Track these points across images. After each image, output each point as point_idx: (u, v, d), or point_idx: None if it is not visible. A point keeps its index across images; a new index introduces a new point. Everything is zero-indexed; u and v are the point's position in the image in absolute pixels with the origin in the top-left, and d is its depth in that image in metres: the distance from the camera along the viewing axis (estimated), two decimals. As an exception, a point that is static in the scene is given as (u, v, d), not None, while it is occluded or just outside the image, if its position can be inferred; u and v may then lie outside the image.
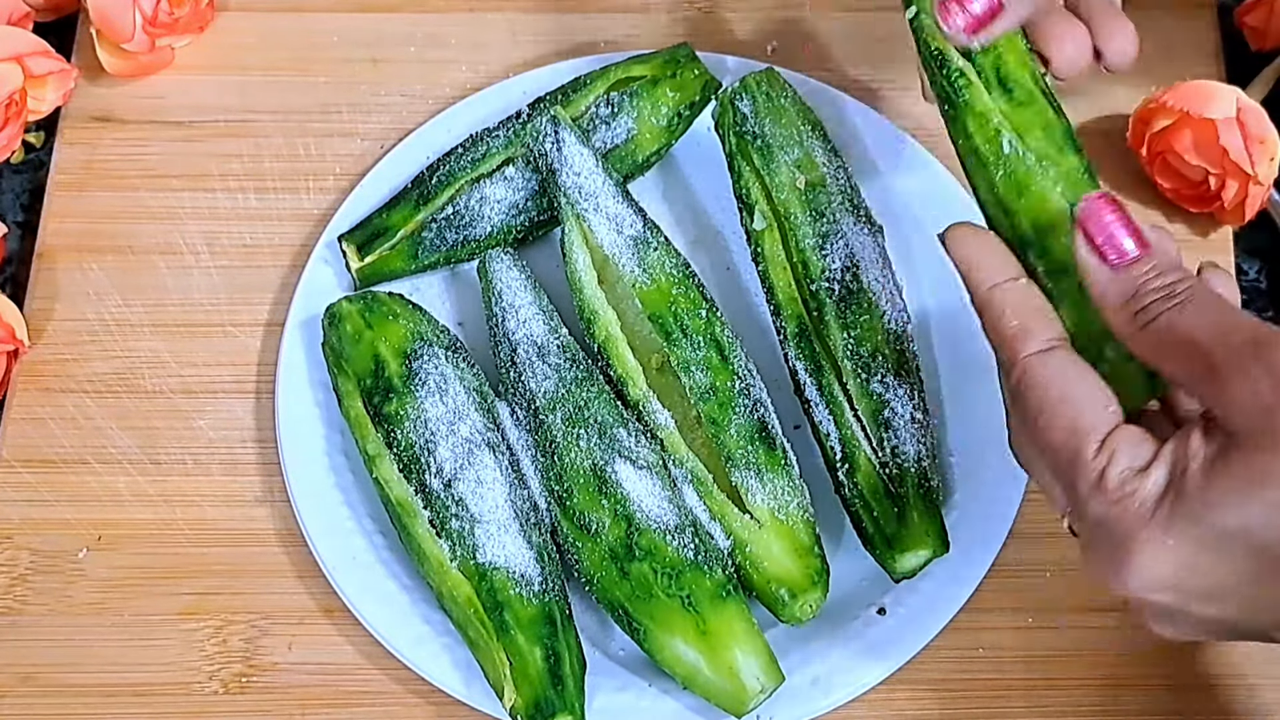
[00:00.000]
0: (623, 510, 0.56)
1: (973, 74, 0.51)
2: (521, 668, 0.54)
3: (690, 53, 0.67)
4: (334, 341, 0.61)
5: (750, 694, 0.54)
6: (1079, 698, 0.59)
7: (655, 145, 0.66)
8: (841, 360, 0.59)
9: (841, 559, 0.60)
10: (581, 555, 0.57)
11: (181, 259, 0.67)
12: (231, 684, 0.59)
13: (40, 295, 0.67)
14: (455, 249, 0.64)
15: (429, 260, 0.64)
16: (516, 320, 0.61)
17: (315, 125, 0.70)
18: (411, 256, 0.64)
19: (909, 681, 0.58)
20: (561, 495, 0.57)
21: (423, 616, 0.58)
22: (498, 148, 0.65)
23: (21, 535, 0.62)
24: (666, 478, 0.58)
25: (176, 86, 0.71)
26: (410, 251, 0.64)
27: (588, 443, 0.57)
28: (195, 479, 0.63)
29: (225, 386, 0.65)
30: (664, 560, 0.55)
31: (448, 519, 0.56)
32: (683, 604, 0.55)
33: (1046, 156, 0.49)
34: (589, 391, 0.59)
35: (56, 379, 0.65)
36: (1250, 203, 0.65)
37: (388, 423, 0.58)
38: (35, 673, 0.59)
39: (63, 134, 0.70)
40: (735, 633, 0.55)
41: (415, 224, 0.64)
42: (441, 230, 0.64)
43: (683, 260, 0.62)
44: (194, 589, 0.61)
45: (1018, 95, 0.50)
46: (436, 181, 0.64)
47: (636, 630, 0.56)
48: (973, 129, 0.50)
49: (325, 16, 0.73)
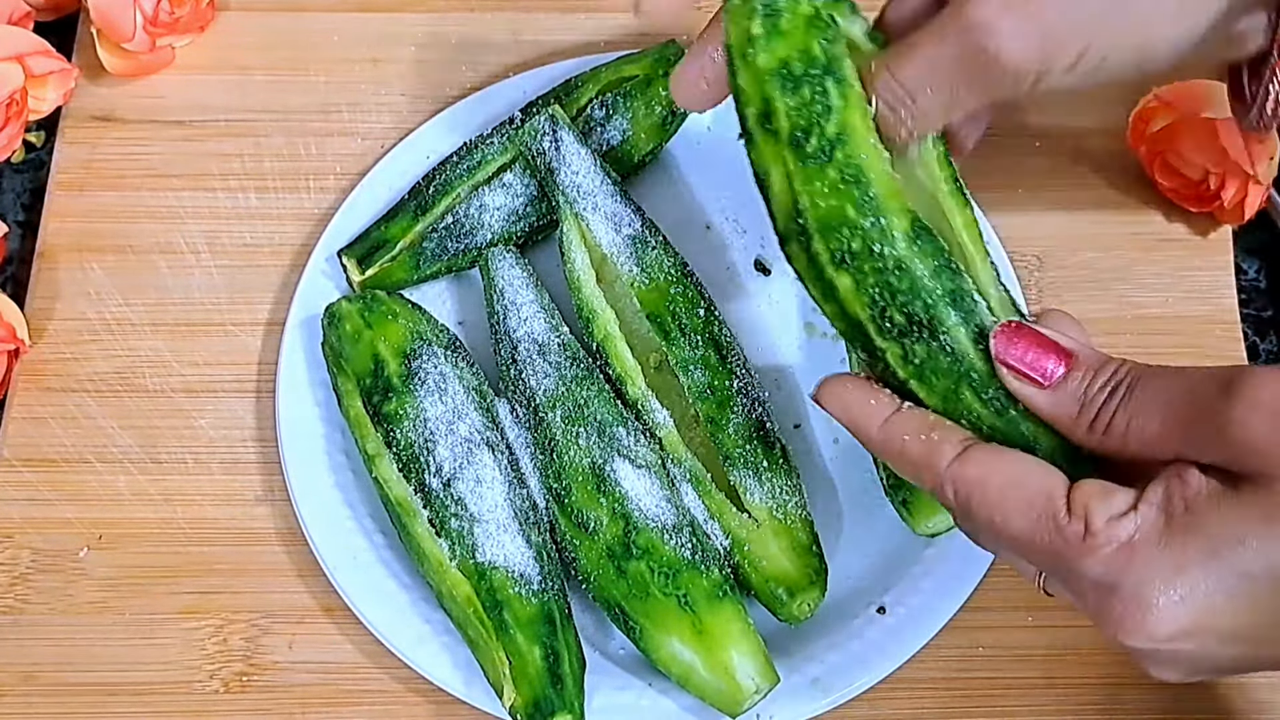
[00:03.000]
0: (620, 509, 0.56)
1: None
2: (521, 667, 0.54)
3: (680, 50, 0.67)
4: (334, 341, 0.61)
5: (745, 694, 0.54)
6: (1079, 698, 0.59)
7: (650, 144, 0.66)
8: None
9: (840, 558, 0.60)
10: (579, 553, 0.57)
11: (182, 259, 0.67)
12: (232, 683, 0.59)
13: (41, 295, 0.67)
14: (457, 257, 0.64)
15: (431, 270, 0.64)
16: (518, 318, 0.61)
17: (315, 125, 0.70)
18: (414, 267, 0.64)
19: (909, 681, 0.58)
20: (560, 493, 0.57)
21: (423, 616, 0.58)
22: (493, 154, 0.65)
23: (22, 534, 0.62)
24: (665, 477, 0.58)
25: (177, 86, 0.71)
26: (412, 262, 0.64)
27: (586, 441, 0.57)
28: (196, 478, 0.63)
29: (226, 386, 0.65)
30: (661, 559, 0.55)
31: (447, 518, 0.56)
32: (679, 603, 0.55)
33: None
34: (589, 390, 0.59)
35: (57, 378, 0.65)
36: (1250, 202, 0.65)
37: (387, 422, 0.58)
38: (36, 672, 0.59)
39: (63, 134, 0.70)
40: (731, 633, 0.55)
41: (414, 235, 0.64)
42: (443, 240, 0.64)
43: (680, 259, 0.62)
44: (194, 588, 0.61)
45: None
46: (434, 191, 0.64)
47: (633, 629, 0.56)
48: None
49: (325, 16, 0.73)
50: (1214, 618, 0.40)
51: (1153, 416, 0.42)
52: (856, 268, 0.47)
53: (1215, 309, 0.66)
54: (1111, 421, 0.43)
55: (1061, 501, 0.42)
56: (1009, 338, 0.45)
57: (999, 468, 0.44)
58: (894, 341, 0.47)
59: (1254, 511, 0.39)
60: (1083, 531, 0.41)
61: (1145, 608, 0.40)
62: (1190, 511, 0.40)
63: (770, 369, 0.64)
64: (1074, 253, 0.67)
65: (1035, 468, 0.43)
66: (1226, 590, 0.40)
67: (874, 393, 0.47)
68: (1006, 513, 0.43)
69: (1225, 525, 0.40)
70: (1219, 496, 0.40)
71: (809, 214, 0.47)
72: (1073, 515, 0.41)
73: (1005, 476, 0.43)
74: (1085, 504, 0.41)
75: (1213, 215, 0.67)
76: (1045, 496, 0.42)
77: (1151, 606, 0.40)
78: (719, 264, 0.66)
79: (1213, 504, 0.40)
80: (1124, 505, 0.41)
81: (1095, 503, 0.41)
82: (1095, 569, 0.41)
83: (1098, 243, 0.67)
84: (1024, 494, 0.42)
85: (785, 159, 0.47)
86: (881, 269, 0.46)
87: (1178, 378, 0.42)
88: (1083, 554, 0.41)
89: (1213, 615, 0.40)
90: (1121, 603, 0.41)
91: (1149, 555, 0.40)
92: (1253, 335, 0.67)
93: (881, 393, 0.47)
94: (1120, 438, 0.43)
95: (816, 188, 0.47)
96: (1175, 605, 0.40)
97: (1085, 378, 0.44)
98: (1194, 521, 0.40)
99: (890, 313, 0.46)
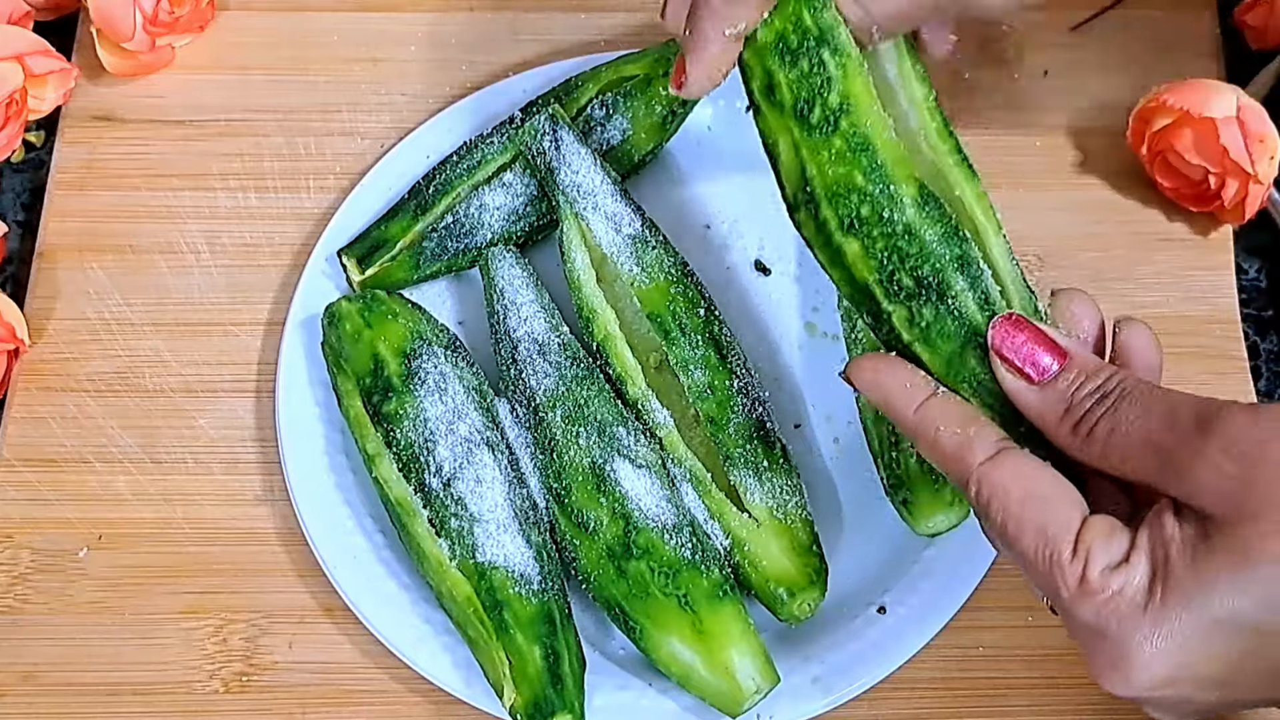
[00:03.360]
0: (621, 509, 0.56)
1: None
2: (521, 667, 0.54)
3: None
4: (333, 341, 0.61)
5: (745, 694, 0.54)
6: (1079, 697, 0.59)
7: (651, 143, 0.66)
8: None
9: (840, 558, 0.60)
10: (579, 553, 0.57)
11: (182, 258, 0.67)
12: (232, 683, 0.59)
13: (41, 294, 0.67)
14: (457, 257, 0.64)
15: (431, 270, 0.64)
16: (518, 317, 0.61)
17: (315, 125, 0.70)
18: (414, 267, 0.64)
19: (909, 681, 0.58)
20: (560, 493, 0.57)
21: (423, 616, 0.58)
22: (493, 154, 0.65)
23: (22, 534, 0.62)
24: (665, 477, 0.58)
25: (177, 86, 0.71)
26: (412, 262, 0.64)
27: (587, 441, 0.57)
28: (196, 478, 0.63)
29: (226, 386, 0.65)
30: (661, 559, 0.55)
31: (447, 518, 0.56)
32: (679, 603, 0.55)
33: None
34: (589, 390, 0.59)
35: (57, 378, 0.65)
36: (1250, 202, 0.64)
37: (387, 422, 0.58)
38: (36, 672, 0.59)
39: (63, 133, 0.70)
40: (731, 633, 0.55)
41: (414, 234, 0.64)
42: (443, 239, 0.64)
43: (680, 259, 0.62)
44: (194, 588, 0.61)
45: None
46: (433, 191, 0.64)
47: (633, 629, 0.56)
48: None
49: (325, 16, 0.73)
50: (1191, 667, 0.41)
51: (1133, 434, 0.42)
52: (865, 232, 0.48)
53: (1215, 309, 0.66)
54: (1094, 429, 0.43)
55: (1071, 537, 0.42)
56: (1008, 329, 0.46)
57: (1028, 479, 0.44)
58: (901, 304, 0.48)
59: (1222, 559, 0.40)
60: (1080, 575, 0.42)
61: (1128, 660, 0.41)
62: (1170, 564, 0.41)
63: (770, 369, 0.64)
64: (1074, 253, 0.67)
65: (1061, 490, 0.43)
66: (1201, 638, 0.40)
67: (911, 374, 0.47)
68: (1021, 527, 0.43)
69: (1198, 575, 0.40)
70: (1193, 544, 0.40)
71: (816, 181, 0.49)
72: (1075, 556, 0.42)
73: (1031, 491, 0.43)
74: (1089, 547, 0.42)
75: (1213, 215, 0.67)
76: (1061, 525, 0.42)
77: (1134, 658, 0.41)
78: (719, 264, 0.66)
79: (1187, 552, 0.40)
80: (1120, 553, 0.42)
81: (1098, 547, 0.42)
82: (1086, 614, 0.42)
83: (1098, 243, 0.67)
84: (1041, 517, 0.43)
85: (791, 129, 0.49)
86: (890, 233, 0.48)
87: (1163, 401, 0.42)
88: (1078, 598, 0.42)
89: (1190, 665, 0.41)
90: (1107, 651, 0.42)
91: (1134, 609, 0.41)
92: (1253, 335, 0.67)
93: (918, 374, 0.47)
94: (1100, 447, 0.43)
95: (823, 156, 0.48)
96: (1155, 657, 0.41)
97: (1076, 380, 0.44)
98: (1172, 573, 0.40)
99: (899, 276, 0.48)
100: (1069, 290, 0.48)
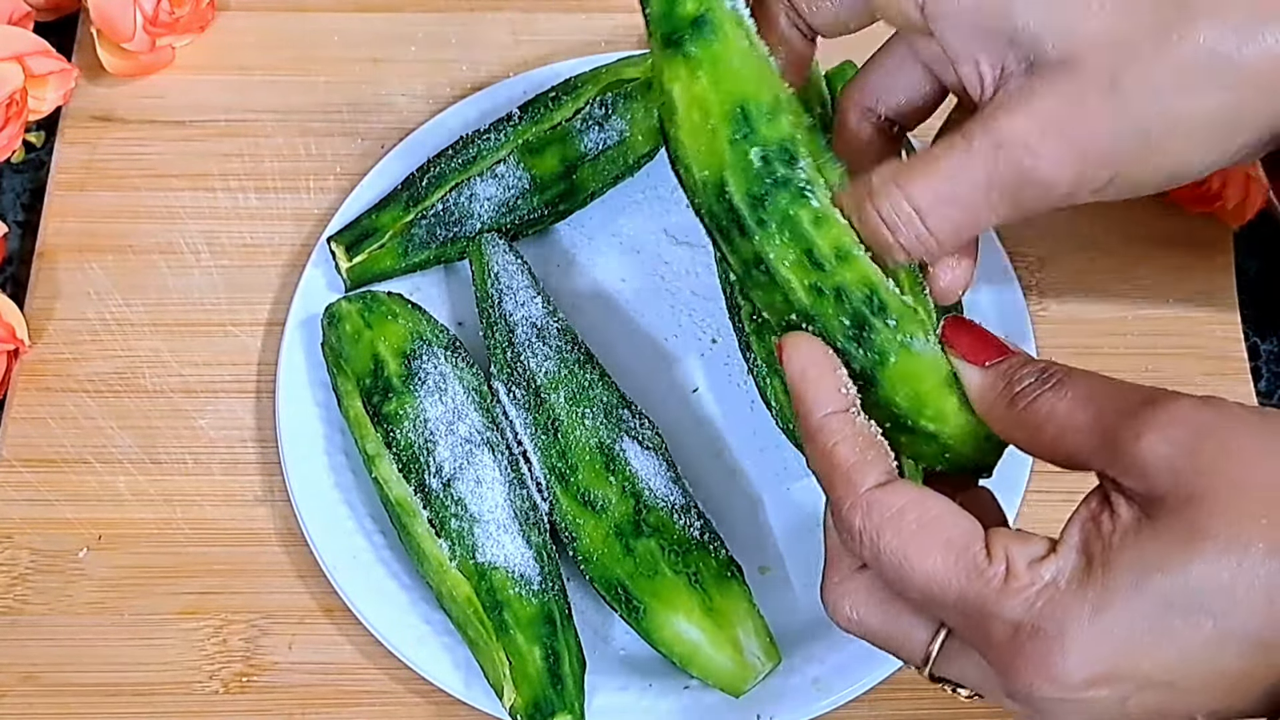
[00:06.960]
0: (631, 487, 0.56)
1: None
2: (521, 667, 0.54)
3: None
4: (333, 341, 0.61)
5: (752, 672, 0.54)
6: (1079, 697, 0.59)
7: (647, 146, 0.66)
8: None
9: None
10: (581, 534, 0.57)
11: (182, 258, 0.67)
12: (232, 683, 0.59)
13: (41, 295, 0.67)
14: (445, 246, 0.64)
15: (419, 258, 0.64)
16: (514, 301, 0.61)
17: (315, 125, 0.70)
18: (401, 254, 0.64)
19: (909, 681, 0.58)
20: (564, 472, 0.57)
21: (423, 616, 0.58)
22: (489, 149, 0.65)
23: (22, 535, 0.62)
24: (669, 459, 0.58)
25: (177, 86, 0.71)
26: (400, 249, 0.64)
27: (594, 421, 0.58)
28: (195, 478, 0.63)
29: (225, 386, 0.65)
30: (672, 537, 0.56)
31: (447, 518, 0.56)
32: (689, 581, 0.55)
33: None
34: (591, 374, 0.59)
35: (57, 378, 0.65)
36: (1250, 203, 0.65)
37: (387, 422, 0.58)
38: (35, 672, 0.59)
39: (63, 134, 0.70)
40: (739, 611, 0.55)
41: (404, 224, 0.64)
42: (431, 226, 0.64)
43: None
44: (194, 588, 0.61)
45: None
46: (427, 183, 0.64)
47: (635, 608, 0.56)
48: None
49: (325, 16, 0.73)
50: (1135, 658, 0.38)
51: (1075, 412, 0.41)
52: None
53: (1216, 309, 0.66)
54: (1033, 403, 0.42)
55: (980, 545, 0.41)
56: (957, 327, 0.45)
57: (922, 501, 0.42)
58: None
59: (1170, 537, 0.38)
60: (1004, 574, 0.40)
61: (1064, 649, 0.39)
62: (1109, 549, 0.39)
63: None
64: (1074, 253, 0.67)
65: (957, 512, 0.42)
66: (1149, 622, 0.38)
67: (838, 380, 0.45)
68: (923, 549, 0.41)
69: (1144, 556, 0.38)
70: (1136, 528, 0.39)
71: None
72: (993, 559, 0.40)
73: (926, 513, 0.42)
74: (1005, 547, 0.40)
75: (1213, 216, 0.67)
76: (966, 537, 0.41)
77: (1070, 646, 0.38)
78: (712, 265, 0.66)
79: (1130, 537, 0.39)
80: (1042, 550, 0.40)
81: (1015, 547, 0.40)
82: (1016, 611, 0.39)
83: (1098, 243, 0.67)
84: (943, 534, 0.41)
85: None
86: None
87: (1108, 384, 0.41)
88: (1004, 596, 0.40)
89: (1134, 654, 0.38)
90: (1041, 645, 0.39)
91: (1071, 596, 0.39)
92: (1253, 335, 0.67)
93: (843, 380, 0.45)
94: (1040, 421, 0.42)
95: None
96: (1098, 640, 0.38)
97: (1021, 364, 0.44)
98: (1113, 558, 0.39)
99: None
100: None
